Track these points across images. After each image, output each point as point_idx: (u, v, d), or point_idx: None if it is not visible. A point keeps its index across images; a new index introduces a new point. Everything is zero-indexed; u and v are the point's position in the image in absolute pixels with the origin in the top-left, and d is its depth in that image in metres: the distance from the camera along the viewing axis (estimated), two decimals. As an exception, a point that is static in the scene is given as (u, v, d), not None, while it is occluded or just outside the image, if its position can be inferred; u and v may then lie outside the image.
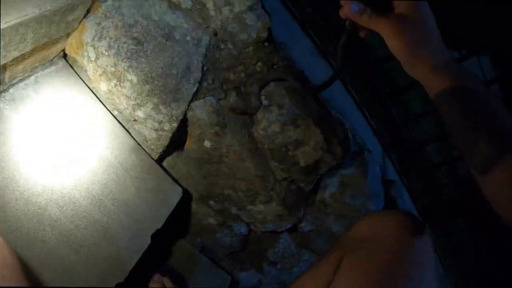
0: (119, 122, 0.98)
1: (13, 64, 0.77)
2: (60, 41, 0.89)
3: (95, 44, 0.92)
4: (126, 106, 0.94)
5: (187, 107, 0.89)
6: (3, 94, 0.81)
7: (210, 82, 0.92)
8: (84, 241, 0.83)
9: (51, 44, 0.85)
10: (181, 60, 0.89)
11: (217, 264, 1.19)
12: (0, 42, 0.65)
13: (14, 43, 0.71)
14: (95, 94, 0.98)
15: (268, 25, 0.90)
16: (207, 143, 0.93)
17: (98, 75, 0.95)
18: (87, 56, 0.94)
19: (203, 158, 0.96)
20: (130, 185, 0.95)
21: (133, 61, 0.90)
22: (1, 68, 0.73)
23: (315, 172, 0.95)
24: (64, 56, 0.96)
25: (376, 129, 1.26)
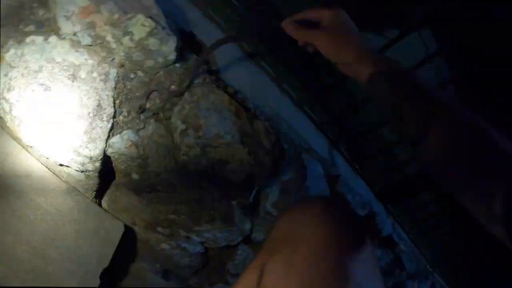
0: (47, 168, 0.97)
1: None
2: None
3: (6, 96, 0.90)
4: (49, 152, 0.93)
5: (105, 145, 0.88)
6: None
7: (126, 114, 0.91)
8: (31, 296, 0.83)
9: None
10: (90, 99, 0.87)
11: (187, 284, 1.20)
12: None
13: None
14: (19, 144, 0.97)
15: (174, 46, 0.88)
16: (134, 176, 0.92)
17: (17, 125, 0.94)
18: (2, 108, 0.93)
19: (138, 189, 0.95)
20: (70, 229, 0.95)
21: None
22: None
23: (250, 185, 0.94)
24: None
25: (320, 123, 1.24)
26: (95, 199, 1.01)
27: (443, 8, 1.28)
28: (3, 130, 0.98)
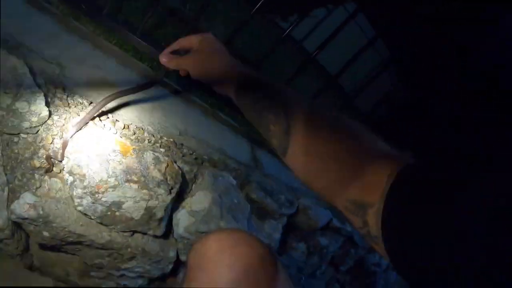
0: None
1: None
2: None
3: None
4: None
5: (7, 213, 0.91)
6: None
7: (20, 178, 0.94)
8: None
9: None
10: (-20, 175, 0.90)
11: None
12: None
13: None
14: None
15: (43, 103, 0.90)
16: (45, 234, 0.95)
17: None
18: None
19: (54, 245, 0.99)
20: (2, 296, 0.99)
21: None
22: None
23: (154, 217, 0.96)
24: None
25: (240, 128, 1.24)
26: (24, 261, 1.04)
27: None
28: None
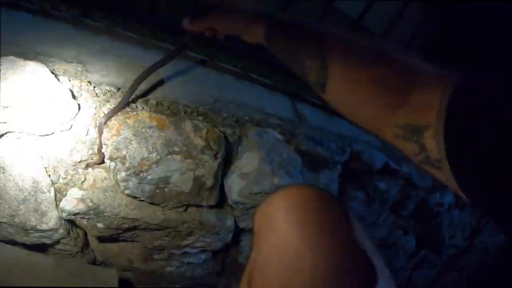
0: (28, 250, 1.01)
1: None
2: None
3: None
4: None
5: (58, 213, 0.90)
6: None
7: (64, 175, 0.91)
8: None
9: None
10: (25, 181, 0.88)
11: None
12: None
13: None
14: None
15: (72, 100, 0.86)
16: (100, 225, 0.94)
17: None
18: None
19: (111, 235, 0.97)
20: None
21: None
22: None
23: (204, 186, 0.92)
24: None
25: (277, 85, 1.17)
26: (86, 258, 1.04)
27: None
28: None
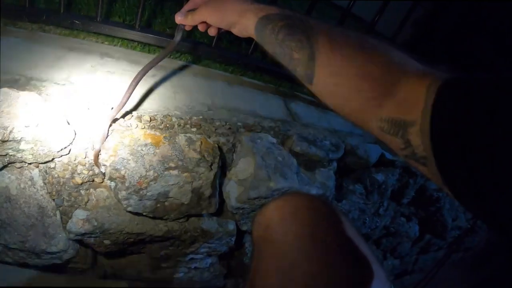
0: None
1: None
2: None
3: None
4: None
5: (66, 234, 0.94)
6: None
7: (68, 198, 0.95)
8: None
9: None
10: (31, 207, 0.92)
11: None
12: None
13: None
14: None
15: (67, 125, 0.89)
16: (107, 242, 0.97)
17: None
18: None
19: (118, 250, 1.01)
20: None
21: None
22: None
23: (203, 196, 0.95)
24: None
25: (268, 86, 1.19)
26: (96, 273, 1.08)
27: None
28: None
